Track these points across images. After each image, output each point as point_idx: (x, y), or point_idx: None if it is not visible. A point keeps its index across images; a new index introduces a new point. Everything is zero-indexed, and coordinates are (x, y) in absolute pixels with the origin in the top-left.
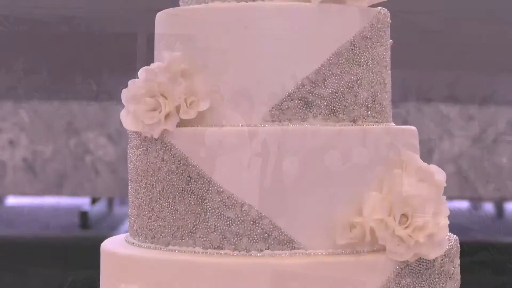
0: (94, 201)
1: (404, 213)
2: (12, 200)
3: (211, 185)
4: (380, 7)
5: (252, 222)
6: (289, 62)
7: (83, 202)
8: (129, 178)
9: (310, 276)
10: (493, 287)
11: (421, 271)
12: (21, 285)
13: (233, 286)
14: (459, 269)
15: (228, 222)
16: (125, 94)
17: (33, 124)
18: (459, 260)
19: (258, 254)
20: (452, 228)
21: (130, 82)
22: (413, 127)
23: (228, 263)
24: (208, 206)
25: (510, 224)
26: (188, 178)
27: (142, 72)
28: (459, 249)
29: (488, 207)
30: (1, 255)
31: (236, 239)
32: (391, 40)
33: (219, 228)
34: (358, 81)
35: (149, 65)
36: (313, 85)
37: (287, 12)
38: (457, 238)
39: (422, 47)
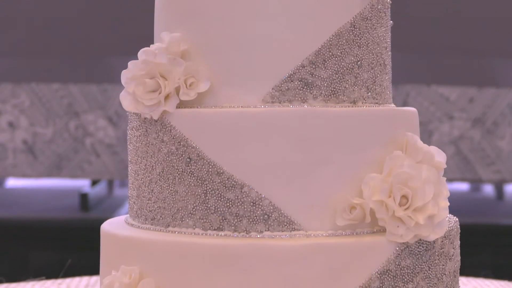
0: (94, 183)
1: (404, 195)
2: (12, 182)
3: (211, 166)
4: None
5: (252, 204)
6: (289, 43)
7: (83, 184)
8: (129, 160)
9: (310, 258)
10: (492, 269)
11: (421, 253)
12: (21, 267)
13: (233, 268)
14: (459, 250)
15: (228, 204)
16: (124, 75)
17: (33, 106)
18: (459, 241)
19: (258, 236)
20: (452, 210)
21: (130, 63)
22: (413, 109)
23: (228, 244)
24: (208, 188)
25: (510, 206)
26: (188, 160)
27: (141, 53)
28: (459, 231)
29: (488, 189)
30: (1, 237)
31: (236, 220)
32: (391, 21)
33: (219, 209)
34: (358, 62)
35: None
36: (313, 66)
37: None
38: (457, 219)
39: (422, 30)
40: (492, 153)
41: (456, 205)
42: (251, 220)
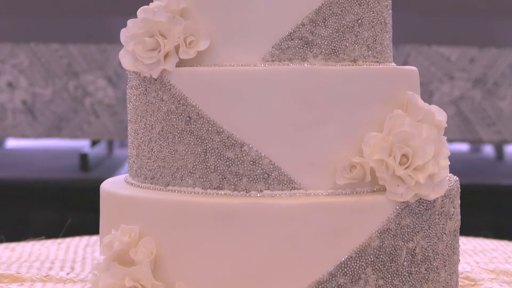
0: (94, 143)
1: (405, 154)
2: (11, 143)
3: (210, 125)
4: None
5: (252, 162)
6: (289, 1)
7: (83, 144)
8: (128, 119)
9: (310, 217)
10: (492, 228)
11: (421, 212)
12: (21, 227)
13: (232, 226)
14: (459, 209)
15: (227, 162)
16: (124, 33)
17: (32, 67)
18: (459, 200)
19: (258, 195)
20: (452, 171)
21: (129, 22)
22: (414, 68)
23: (228, 203)
24: (207, 146)
25: (510, 166)
26: (188, 118)
27: (140, 11)
28: (460, 190)
29: (488, 150)
30: (1, 197)
31: (235, 179)
32: None
33: (218, 168)
34: (359, 21)
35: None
36: (314, 24)
37: None
38: (457, 178)
39: None
40: (492, 114)
41: (456, 165)
42: (251, 179)
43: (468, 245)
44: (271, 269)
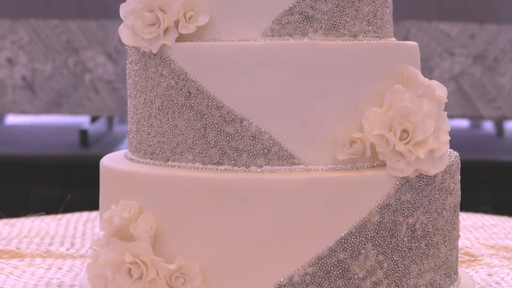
0: (93, 119)
1: (405, 129)
2: (11, 119)
3: (210, 100)
4: None
5: (252, 138)
6: None
7: (83, 120)
8: (128, 94)
9: (309, 192)
10: (492, 204)
11: (422, 187)
12: (21, 203)
13: (232, 202)
14: (459, 185)
15: (227, 138)
16: (123, 8)
17: (32, 43)
18: (459, 176)
19: (258, 170)
20: (453, 147)
21: None
22: (414, 43)
23: (228, 178)
24: (207, 122)
25: (510, 142)
26: (188, 93)
27: None
28: (460, 165)
29: (488, 126)
30: (1, 173)
31: (235, 154)
32: None
33: (218, 143)
34: None
35: None
36: None
37: None
38: (457, 154)
39: None
40: (492, 90)
41: (456, 141)
42: (251, 154)
43: (468, 220)
44: (271, 245)
